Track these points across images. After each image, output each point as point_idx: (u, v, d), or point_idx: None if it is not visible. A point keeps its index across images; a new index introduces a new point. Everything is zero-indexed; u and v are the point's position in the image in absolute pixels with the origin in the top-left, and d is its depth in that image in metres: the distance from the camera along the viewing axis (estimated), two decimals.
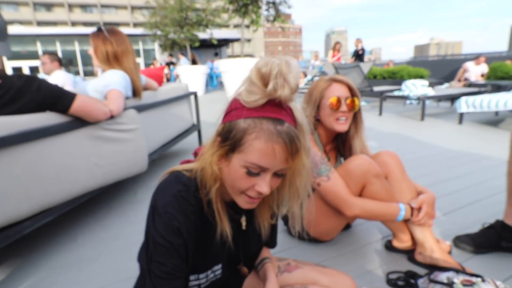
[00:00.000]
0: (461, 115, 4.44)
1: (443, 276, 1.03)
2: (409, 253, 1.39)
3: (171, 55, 15.00)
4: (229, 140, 0.67)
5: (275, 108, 0.66)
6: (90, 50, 1.94)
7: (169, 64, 13.66)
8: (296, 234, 1.54)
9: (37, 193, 1.36)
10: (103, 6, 49.44)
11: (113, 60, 1.92)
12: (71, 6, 47.63)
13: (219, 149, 0.69)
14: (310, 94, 1.42)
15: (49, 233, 1.76)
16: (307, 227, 1.46)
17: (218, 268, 0.86)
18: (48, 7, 47.12)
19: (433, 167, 2.63)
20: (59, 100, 1.47)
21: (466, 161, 2.76)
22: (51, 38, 22.58)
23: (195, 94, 3.41)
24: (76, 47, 23.50)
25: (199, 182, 0.74)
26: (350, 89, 1.37)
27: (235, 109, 0.68)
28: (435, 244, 1.30)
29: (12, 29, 20.69)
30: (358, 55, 9.45)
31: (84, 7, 48.56)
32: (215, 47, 24.49)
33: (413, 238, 1.38)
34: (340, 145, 1.55)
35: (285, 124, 0.65)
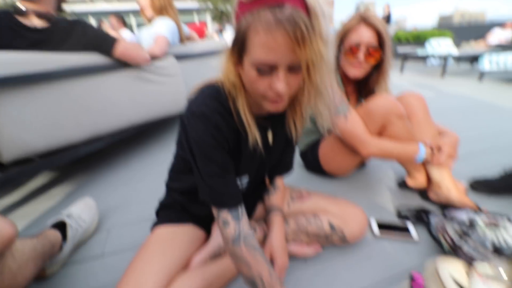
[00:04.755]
0: (482, 73, 3.69)
1: (463, 216, 0.78)
2: (422, 192, 1.13)
3: (220, 24, 14.64)
4: (236, 44, 0.51)
5: None
6: (143, 1, 1.78)
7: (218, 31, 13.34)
8: (325, 133, 1.21)
9: (86, 123, 1.26)
10: None
11: (163, 10, 1.81)
12: None
13: (231, 56, 0.54)
14: (340, 29, 1.10)
15: (110, 158, 1.73)
16: (322, 161, 1.25)
17: (245, 180, 0.72)
18: None
19: (451, 117, 2.19)
20: (103, 42, 1.31)
21: (484, 111, 2.27)
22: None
23: None
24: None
25: (227, 93, 0.59)
26: (379, 35, 1.01)
27: (236, 11, 0.49)
28: (452, 184, 1.02)
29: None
30: (386, 19, 8.18)
31: None
32: None
33: (428, 179, 1.11)
34: (362, 88, 1.22)
35: (285, 8, 0.43)
